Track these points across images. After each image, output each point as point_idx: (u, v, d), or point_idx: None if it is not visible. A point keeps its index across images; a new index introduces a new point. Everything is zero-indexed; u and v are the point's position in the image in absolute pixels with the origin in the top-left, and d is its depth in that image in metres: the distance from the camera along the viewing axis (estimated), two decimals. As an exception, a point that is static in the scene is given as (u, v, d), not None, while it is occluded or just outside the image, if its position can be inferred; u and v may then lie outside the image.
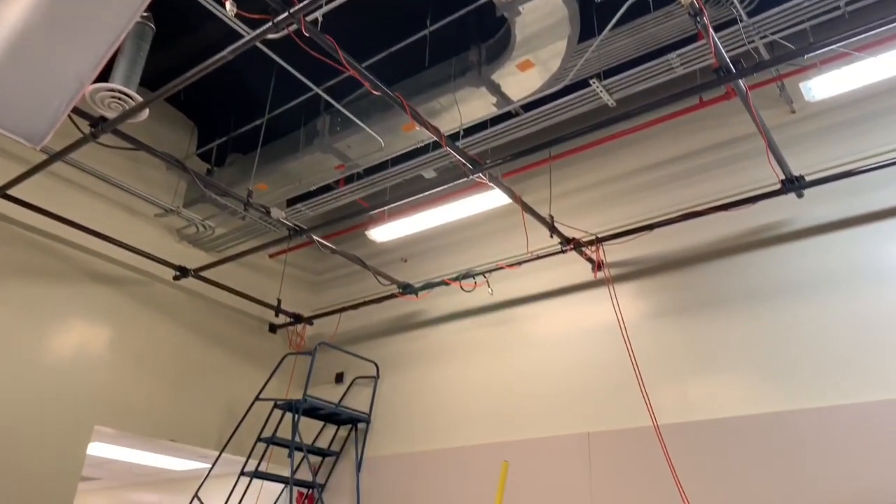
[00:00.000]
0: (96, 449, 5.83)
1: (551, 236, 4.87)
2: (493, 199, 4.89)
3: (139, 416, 5.36)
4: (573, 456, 4.66)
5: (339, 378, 6.33)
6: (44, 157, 4.32)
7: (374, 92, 3.73)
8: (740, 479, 4.01)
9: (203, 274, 5.72)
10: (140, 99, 3.99)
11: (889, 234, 4.07)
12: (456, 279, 5.49)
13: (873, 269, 4.05)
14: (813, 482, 3.78)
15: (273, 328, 6.57)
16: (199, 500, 5.56)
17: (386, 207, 4.97)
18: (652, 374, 4.56)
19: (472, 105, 4.56)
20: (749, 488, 3.97)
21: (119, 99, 3.99)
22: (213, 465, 5.74)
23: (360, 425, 5.96)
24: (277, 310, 6.03)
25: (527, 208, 4.68)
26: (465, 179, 4.38)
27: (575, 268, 5.22)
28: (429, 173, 5.38)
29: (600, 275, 5.06)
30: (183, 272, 5.62)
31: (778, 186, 4.18)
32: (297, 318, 6.44)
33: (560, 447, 4.75)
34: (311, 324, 6.58)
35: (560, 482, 4.64)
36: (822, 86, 4.16)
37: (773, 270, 4.39)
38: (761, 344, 4.26)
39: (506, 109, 4.66)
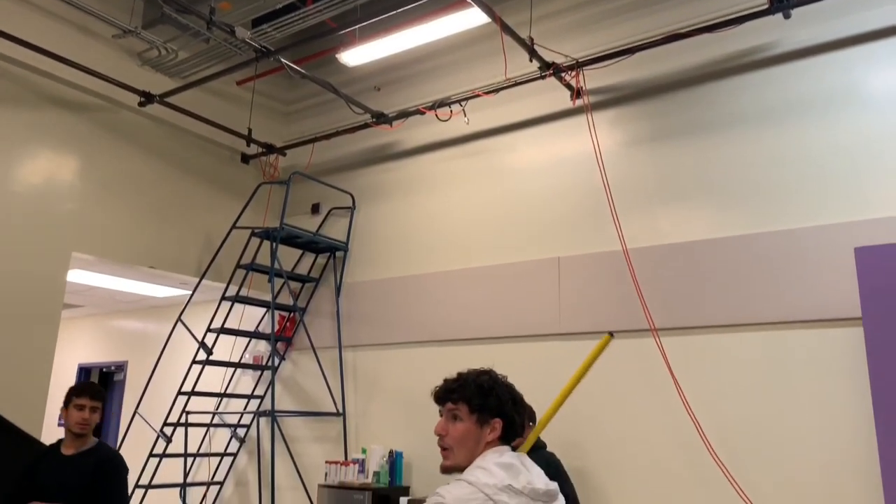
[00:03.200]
0: (77, 276, 5.91)
1: (531, 60, 4.73)
2: (470, 18, 4.67)
3: (116, 243, 5.39)
4: (544, 279, 4.85)
5: (315, 209, 6.36)
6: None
7: None
8: (704, 297, 4.23)
9: (169, 101, 5.52)
10: None
11: (872, 57, 4.01)
12: (431, 108, 5.37)
13: (853, 94, 4.04)
14: (773, 298, 4.01)
15: (245, 158, 6.48)
16: (182, 323, 5.77)
17: (357, 26, 4.73)
18: (624, 202, 4.65)
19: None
20: (711, 305, 4.20)
21: None
22: (194, 290, 5.88)
23: (338, 253, 6.08)
24: (248, 139, 5.90)
25: (506, 29, 4.49)
26: (442, -4, 4.15)
27: (553, 95, 5.13)
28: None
29: (579, 102, 4.99)
30: (148, 98, 5.41)
31: (766, 6, 4.04)
32: (269, 149, 6.34)
33: (531, 271, 4.92)
34: (284, 154, 6.49)
35: (530, 303, 4.86)
36: None
37: (753, 97, 4.35)
38: (735, 170, 4.32)
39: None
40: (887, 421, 3.13)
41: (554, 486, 1.69)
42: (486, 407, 1.71)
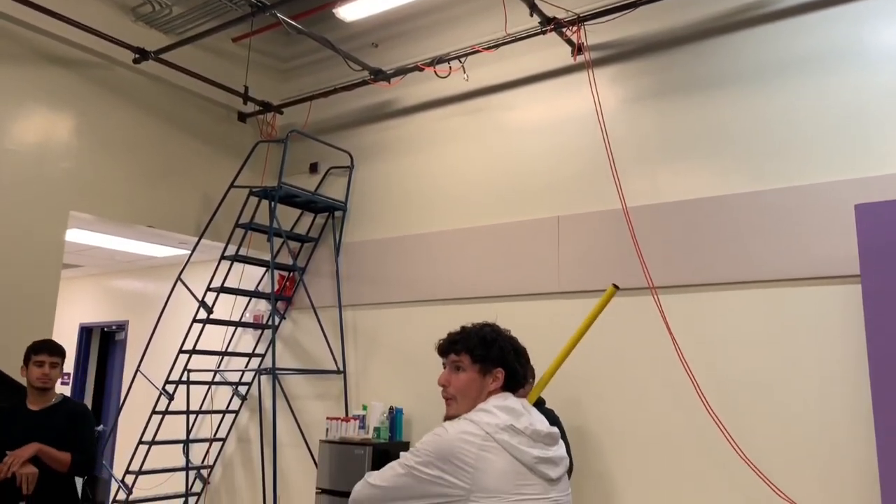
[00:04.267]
0: (75, 235, 5.90)
1: (531, 15, 4.64)
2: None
3: (114, 202, 5.37)
4: (543, 238, 4.85)
5: (314, 168, 6.32)
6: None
7: None
8: (703, 255, 4.24)
9: (164, 57, 5.44)
10: None
11: (874, 12, 3.94)
12: (430, 64, 5.30)
13: (855, 50, 3.98)
14: (773, 256, 4.01)
15: (242, 117, 6.41)
16: (182, 282, 5.78)
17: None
18: (624, 160, 4.62)
19: None
20: (710, 263, 4.21)
21: None
22: (194, 249, 5.88)
23: (337, 213, 6.06)
24: (245, 97, 5.83)
25: (506, -17, 4.40)
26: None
27: (554, 51, 5.05)
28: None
29: (580, 58, 4.92)
30: (142, 54, 5.33)
31: (772, -42, 3.96)
32: (266, 107, 6.27)
33: (531, 229, 4.92)
34: (281, 112, 6.42)
35: (530, 262, 4.87)
36: None
37: (755, 52, 4.29)
38: (736, 127, 4.29)
39: None
40: (882, 375, 3.16)
41: (555, 430, 1.72)
42: (488, 357, 1.74)
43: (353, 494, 1.71)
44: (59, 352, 3.32)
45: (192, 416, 5.96)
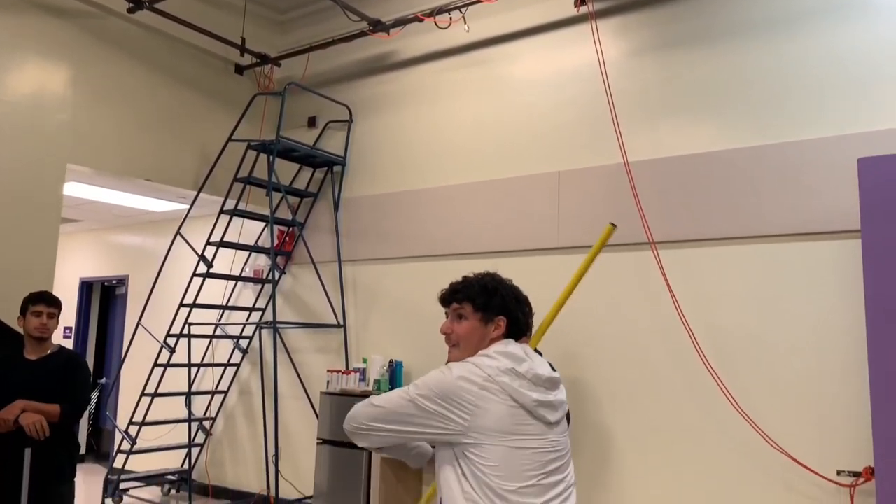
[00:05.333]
0: (74, 189, 5.86)
1: (533, -36, 4.53)
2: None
3: (111, 155, 5.32)
4: (543, 193, 4.83)
5: (312, 122, 6.26)
6: None
7: None
8: (703, 210, 4.23)
9: (159, 7, 5.33)
10: None
11: (889, -39, 3.85)
12: (430, 15, 5.20)
13: (858, 3, 3.90)
14: (773, 211, 4.00)
15: (239, 69, 6.32)
16: (181, 237, 5.78)
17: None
18: (627, 114, 4.57)
19: None
20: (711, 218, 4.20)
21: None
22: (192, 203, 5.86)
23: (336, 168, 6.02)
24: (242, 49, 5.74)
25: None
26: None
27: (557, 2, 4.95)
28: None
29: (583, 10, 4.82)
30: (137, 4, 5.23)
31: None
32: (263, 59, 6.18)
33: (531, 185, 4.89)
34: (279, 65, 6.33)
35: (529, 218, 4.86)
36: None
37: (759, 5, 4.21)
38: (740, 81, 4.23)
39: None
40: (878, 330, 3.18)
41: (557, 375, 1.74)
42: (490, 305, 1.75)
43: (352, 411, 1.74)
44: (55, 303, 3.35)
45: (193, 369, 6.03)
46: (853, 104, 3.86)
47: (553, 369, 3.76)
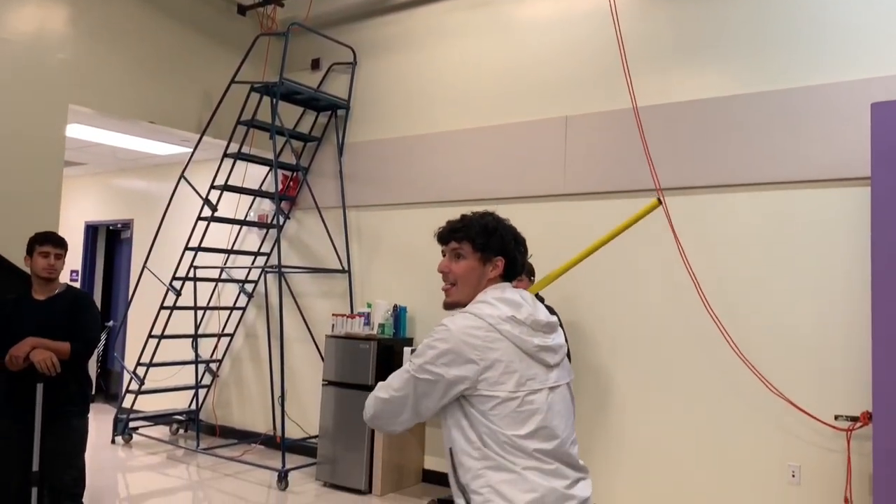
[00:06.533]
0: (76, 131, 5.81)
1: None
2: None
3: (113, 96, 5.26)
4: (550, 138, 4.77)
5: (316, 64, 6.15)
6: None
7: None
8: (713, 156, 4.18)
9: (158, -58, 5.20)
10: None
11: None
12: (437, -47, 5.05)
13: (887, -60, 3.77)
14: (784, 158, 3.96)
15: (242, 9, 6.18)
16: (186, 180, 5.75)
17: None
18: (637, 58, 4.47)
19: None
20: (720, 165, 4.16)
21: None
22: (196, 146, 5.82)
23: (340, 112, 5.95)
24: (244, -13, 5.61)
25: None
26: None
27: (567, -60, 4.80)
28: None
29: (594, -52, 4.67)
30: (135, -61, 5.09)
31: None
32: (266, -1, 6.04)
33: (537, 130, 4.83)
34: (282, 5, 6.19)
35: (536, 164, 4.81)
36: None
37: (781, -58, 4.08)
38: (752, 24, 4.13)
39: None
40: (883, 278, 3.17)
41: (554, 319, 1.74)
42: (489, 246, 1.73)
43: (365, 407, 1.72)
44: (62, 244, 3.35)
45: (199, 312, 6.08)
46: (866, 49, 3.77)
47: (554, 313, 3.77)
